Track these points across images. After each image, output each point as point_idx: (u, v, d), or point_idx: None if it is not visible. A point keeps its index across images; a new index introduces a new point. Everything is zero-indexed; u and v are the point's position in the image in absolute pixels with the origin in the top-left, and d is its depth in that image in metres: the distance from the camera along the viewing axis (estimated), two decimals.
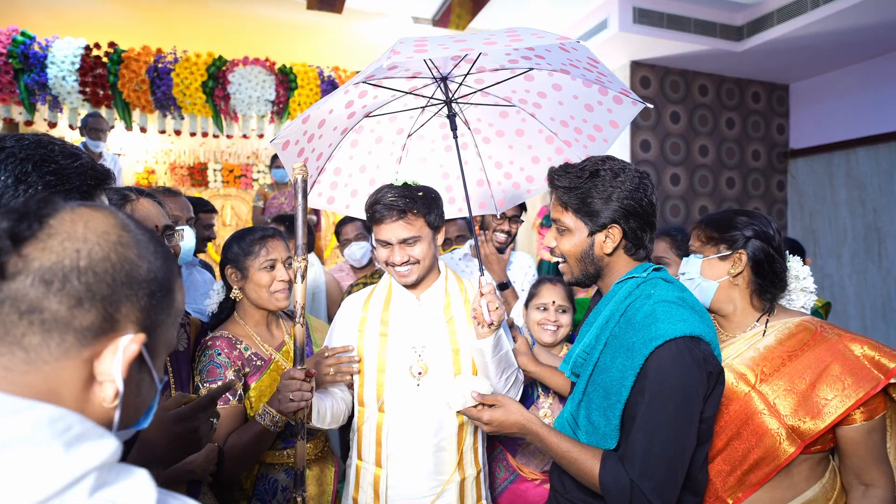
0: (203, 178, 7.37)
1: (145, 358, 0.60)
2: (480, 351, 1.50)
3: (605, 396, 1.20)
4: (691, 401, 1.14)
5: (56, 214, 0.56)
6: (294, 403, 1.44)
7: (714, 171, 5.64)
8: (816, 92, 5.70)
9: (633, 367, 1.15)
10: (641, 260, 1.33)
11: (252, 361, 1.70)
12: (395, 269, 1.58)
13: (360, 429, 1.63)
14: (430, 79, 1.75)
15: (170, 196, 2.26)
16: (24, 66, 4.43)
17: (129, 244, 0.58)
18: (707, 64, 5.29)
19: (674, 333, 1.13)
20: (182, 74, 4.75)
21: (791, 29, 4.49)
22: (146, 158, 7.21)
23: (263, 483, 1.69)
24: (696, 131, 5.55)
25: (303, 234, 1.45)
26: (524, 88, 1.83)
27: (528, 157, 2.01)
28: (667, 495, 1.12)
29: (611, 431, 1.18)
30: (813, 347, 1.32)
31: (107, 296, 0.55)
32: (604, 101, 1.77)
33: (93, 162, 0.92)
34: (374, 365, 1.60)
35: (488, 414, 1.32)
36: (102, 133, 4.24)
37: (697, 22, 4.75)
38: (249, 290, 1.73)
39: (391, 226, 1.54)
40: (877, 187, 5.19)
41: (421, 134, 1.97)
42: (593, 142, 1.87)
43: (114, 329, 0.56)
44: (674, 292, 1.24)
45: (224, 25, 5.23)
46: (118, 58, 4.65)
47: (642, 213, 1.28)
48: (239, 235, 1.77)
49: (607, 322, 1.26)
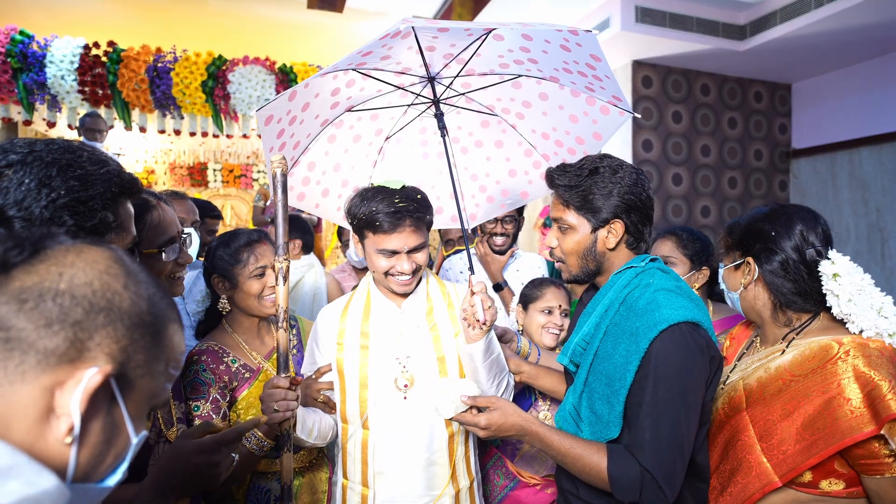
0: (203, 178, 7.36)
1: (118, 400, 0.55)
2: (470, 356, 1.44)
3: (607, 384, 1.20)
4: (695, 385, 1.15)
5: (54, 246, 0.55)
6: (279, 414, 1.33)
7: (716, 170, 5.62)
8: (819, 91, 5.68)
9: (637, 352, 1.15)
10: (640, 253, 1.35)
11: (240, 374, 1.63)
12: (396, 279, 1.49)
13: (343, 447, 1.54)
14: (418, 77, 1.69)
15: (176, 199, 2.24)
16: (23, 66, 4.41)
17: (116, 275, 0.55)
18: (709, 63, 5.26)
19: (676, 318, 1.14)
20: (182, 74, 4.73)
21: (794, 28, 4.46)
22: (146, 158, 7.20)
23: (255, 493, 1.63)
24: (698, 131, 5.53)
25: (283, 232, 1.35)
26: (510, 97, 1.79)
27: (504, 170, 1.96)
28: (675, 481, 1.13)
29: (615, 419, 1.18)
30: (810, 376, 1.17)
31: (80, 321, 0.51)
32: (590, 112, 1.74)
33: (120, 170, 0.92)
34: (355, 379, 1.51)
35: (485, 418, 1.27)
36: (100, 133, 4.22)
37: (700, 21, 4.72)
38: (240, 299, 1.64)
39: (403, 234, 1.43)
40: (880, 187, 5.16)
41: (399, 137, 1.91)
42: (573, 155, 1.83)
43: (81, 357, 0.51)
44: (671, 281, 1.26)
45: (224, 24, 5.21)
46: (117, 57, 4.63)
47: (642, 207, 1.30)
48: (224, 242, 1.67)
49: (607, 311, 1.26)
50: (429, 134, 1.92)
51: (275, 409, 1.32)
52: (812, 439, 1.12)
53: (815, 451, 1.12)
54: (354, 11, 4.95)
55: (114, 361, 0.53)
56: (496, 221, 2.43)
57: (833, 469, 1.14)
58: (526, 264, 2.56)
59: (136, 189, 0.95)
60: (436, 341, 1.53)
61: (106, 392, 0.54)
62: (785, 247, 1.25)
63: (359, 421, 1.50)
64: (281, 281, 1.37)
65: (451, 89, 1.76)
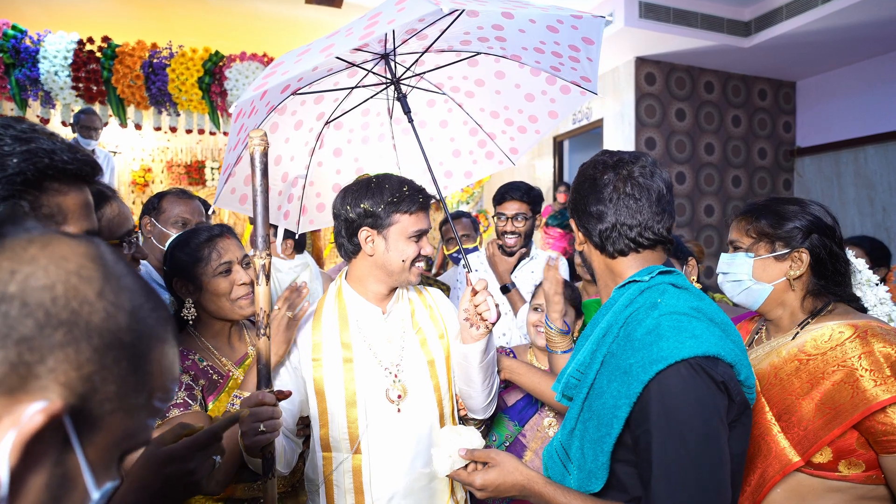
0: (200, 177, 7.28)
1: (73, 447, 0.41)
2: (466, 357, 1.35)
3: (597, 426, 1.01)
4: (715, 434, 0.92)
5: (15, 233, 0.43)
6: (265, 436, 1.14)
7: (720, 169, 5.55)
8: (824, 89, 5.61)
9: (627, 396, 0.94)
10: (649, 262, 1.14)
11: (207, 374, 1.44)
12: (418, 266, 1.43)
13: (327, 479, 1.36)
14: (370, 54, 1.57)
15: (183, 199, 2.15)
16: (16, 61, 4.33)
17: (90, 278, 0.42)
18: (713, 60, 5.20)
19: (681, 354, 0.91)
20: (178, 70, 4.65)
21: (799, 24, 4.40)
22: (142, 156, 7.12)
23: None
24: (701, 129, 5.46)
25: (263, 222, 1.17)
26: (462, 75, 1.75)
27: (448, 151, 1.92)
28: None
29: (597, 469, 0.99)
30: (828, 353, 1.16)
31: (29, 337, 0.39)
32: (548, 91, 1.71)
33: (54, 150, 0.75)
34: (340, 398, 1.35)
35: (481, 478, 1.10)
36: (94, 131, 4.14)
37: (704, 17, 4.66)
38: (207, 302, 1.46)
39: (427, 214, 1.42)
40: (886, 186, 5.10)
41: (340, 121, 1.78)
42: (523, 133, 1.81)
43: (25, 387, 0.38)
44: (686, 301, 1.02)
45: (221, 20, 5.14)
46: (112, 52, 4.55)
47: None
48: (182, 241, 1.49)
49: (604, 336, 1.05)
50: (371, 116, 1.84)
51: (260, 429, 1.13)
52: (834, 411, 1.12)
53: (839, 422, 1.10)
54: (353, 7, 4.87)
55: (71, 394, 0.40)
56: (507, 219, 2.34)
57: (853, 448, 1.11)
58: (541, 264, 2.45)
59: (82, 173, 0.79)
60: (423, 345, 1.43)
61: (56, 434, 0.40)
62: (837, 237, 1.24)
63: (348, 446, 1.35)
64: (262, 280, 1.18)
65: (402, 67, 1.68)
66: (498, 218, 2.41)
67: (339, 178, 1.88)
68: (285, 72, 1.29)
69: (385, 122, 1.86)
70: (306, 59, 1.28)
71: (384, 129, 1.87)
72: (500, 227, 2.37)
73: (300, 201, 1.83)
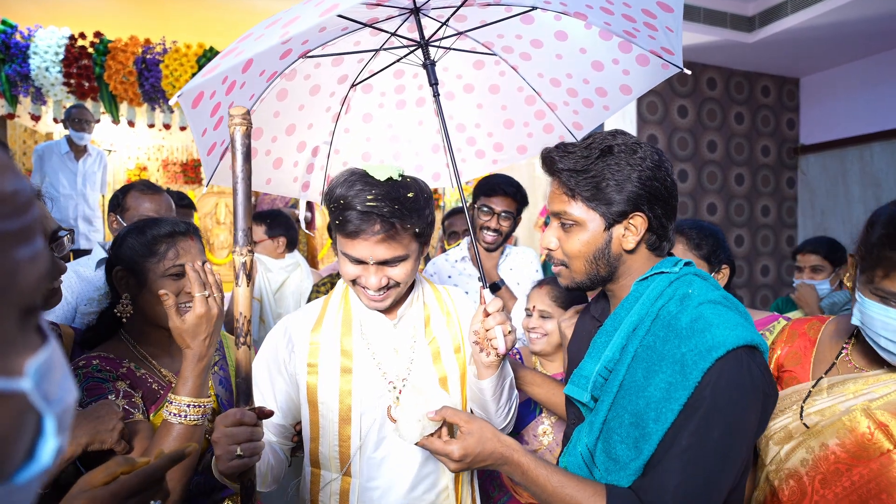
0: (196, 175, 7.20)
1: None
2: (481, 389, 1.20)
3: (635, 423, 0.96)
4: (749, 429, 0.93)
5: None
6: (242, 461, 0.97)
7: (723, 167, 5.47)
8: (828, 86, 5.53)
9: (685, 386, 0.91)
10: (663, 256, 1.10)
11: (145, 382, 1.27)
12: (364, 292, 1.20)
13: (314, 496, 1.24)
14: (397, 9, 1.34)
15: (150, 193, 2.10)
16: (6, 57, 4.26)
17: None
18: (716, 56, 5.12)
19: (734, 342, 0.91)
20: (171, 66, 4.57)
21: (804, 19, 4.33)
22: (138, 154, 7.05)
23: None
24: (704, 126, 5.38)
25: (244, 214, 1.04)
26: (515, 33, 1.47)
27: (499, 120, 1.65)
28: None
29: (640, 467, 0.94)
30: None
31: None
32: (621, 60, 1.42)
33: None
34: (334, 412, 1.20)
35: (459, 447, 0.98)
36: (87, 124, 4.07)
37: (707, 12, 4.58)
38: (146, 303, 1.27)
39: (369, 243, 1.12)
40: (893, 184, 5.01)
41: (369, 84, 1.56)
42: (589, 108, 1.53)
43: None
44: (714, 291, 1.02)
45: (215, 15, 5.06)
46: (104, 48, 4.47)
47: (667, 198, 1.05)
48: (138, 228, 1.31)
49: (635, 329, 1.01)
50: (406, 78, 1.60)
51: (237, 453, 0.97)
52: None
53: None
54: None
55: None
56: (493, 215, 2.19)
57: None
58: (518, 261, 2.33)
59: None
60: (436, 358, 1.26)
61: None
62: None
63: (337, 466, 1.21)
64: (242, 280, 1.04)
65: (437, 22, 1.41)
66: (481, 210, 2.20)
67: (370, 146, 1.68)
68: (260, 35, 1.14)
69: (424, 84, 1.60)
70: (294, 25, 1.10)
71: (424, 92, 1.62)
72: (483, 220, 2.18)
73: (324, 171, 1.65)
